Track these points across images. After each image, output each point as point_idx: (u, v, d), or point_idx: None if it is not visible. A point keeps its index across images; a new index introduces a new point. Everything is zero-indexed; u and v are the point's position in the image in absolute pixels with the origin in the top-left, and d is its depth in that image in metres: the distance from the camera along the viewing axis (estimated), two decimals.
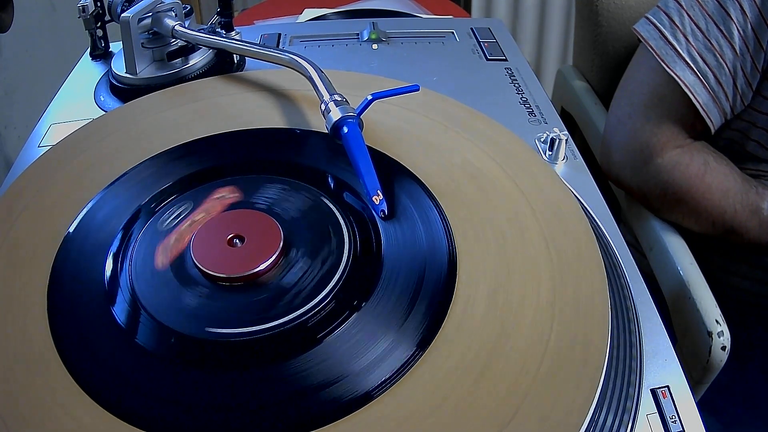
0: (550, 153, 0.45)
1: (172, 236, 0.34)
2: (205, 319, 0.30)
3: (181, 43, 0.52)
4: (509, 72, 0.56)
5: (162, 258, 0.33)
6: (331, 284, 0.31)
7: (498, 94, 0.53)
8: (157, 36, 0.52)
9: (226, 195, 0.36)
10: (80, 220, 0.35)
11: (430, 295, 0.31)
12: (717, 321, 0.48)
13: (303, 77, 0.43)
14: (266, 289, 0.31)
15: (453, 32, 0.63)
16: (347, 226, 0.34)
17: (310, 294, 0.31)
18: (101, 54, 0.58)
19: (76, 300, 0.31)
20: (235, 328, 0.29)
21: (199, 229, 0.34)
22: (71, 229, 0.35)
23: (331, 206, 0.36)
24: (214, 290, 0.31)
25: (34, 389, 0.27)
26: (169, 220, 0.35)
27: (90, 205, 0.36)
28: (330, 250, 0.33)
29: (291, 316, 0.30)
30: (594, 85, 0.77)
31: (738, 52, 0.53)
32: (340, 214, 0.35)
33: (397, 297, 0.31)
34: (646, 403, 0.30)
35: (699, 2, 0.53)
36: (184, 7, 0.52)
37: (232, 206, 0.36)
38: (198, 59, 0.52)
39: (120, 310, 0.31)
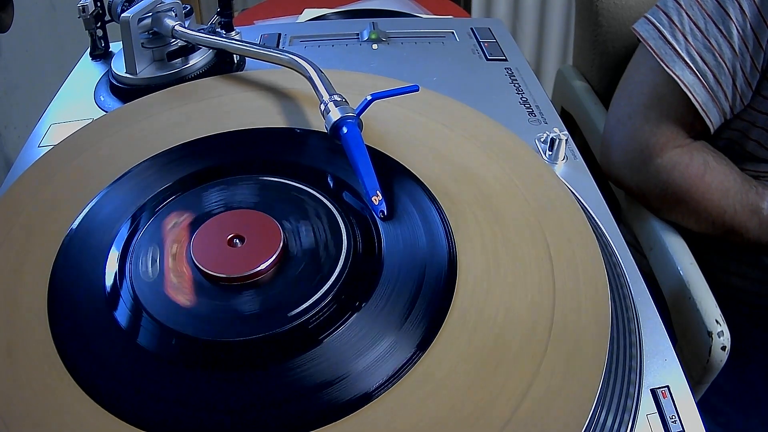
0: (550, 153, 0.45)
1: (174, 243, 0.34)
2: (205, 319, 0.30)
3: (181, 43, 0.52)
4: (509, 72, 0.56)
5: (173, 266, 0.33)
6: (331, 284, 0.31)
7: (498, 94, 0.53)
8: (157, 36, 0.52)
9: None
10: (81, 220, 0.35)
11: (430, 296, 0.31)
12: (717, 321, 0.48)
13: (303, 77, 0.43)
14: (266, 289, 0.31)
15: (453, 32, 0.63)
16: (347, 226, 0.34)
17: (310, 294, 0.31)
18: (101, 54, 0.58)
19: (76, 300, 0.31)
20: (235, 328, 0.29)
21: (199, 229, 0.34)
22: (72, 230, 0.35)
23: (331, 206, 0.36)
24: (214, 290, 0.31)
25: (34, 389, 0.27)
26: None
27: (90, 205, 0.36)
28: (330, 251, 0.33)
29: (291, 316, 0.30)
30: (594, 85, 0.77)
31: (737, 51, 0.53)
32: (340, 214, 0.35)
33: (397, 297, 0.31)
34: (646, 403, 0.30)
35: (698, 2, 0.53)
36: (184, 7, 0.52)
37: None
38: (198, 59, 0.52)
39: (120, 311, 0.31)
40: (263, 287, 0.31)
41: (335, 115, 0.38)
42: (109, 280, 0.32)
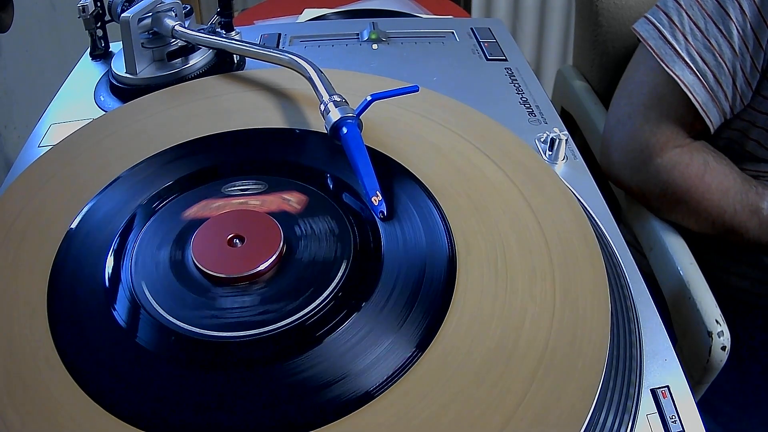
0: (550, 153, 0.45)
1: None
2: (205, 319, 0.30)
3: (181, 43, 0.52)
4: (509, 72, 0.56)
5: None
6: (331, 284, 0.31)
7: (498, 94, 0.53)
8: (157, 36, 0.52)
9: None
10: (80, 220, 0.35)
11: (429, 296, 0.31)
12: (717, 321, 0.48)
13: (303, 77, 0.43)
14: (266, 288, 0.31)
15: (453, 32, 0.63)
16: (347, 226, 0.34)
17: (310, 294, 0.31)
18: (101, 54, 0.58)
19: (76, 299, 0.31)
20: (235, 328, 0.29)
21: (199, 229, 0.34)
22: (71, 229, 0.35)
23: (331, 206, 0.36)
24: (214, 290, 0.31)
25: (33, 389, 0.27)
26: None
27: (90, 204, 0.36)
28: (330, 251, 0.33)
29: (291, 316, 0.30)
30: (594, 85, 0.77)
31: (737, 51, 0.53)
32: (340, 214, 0.35)
33: (397, 297, 0.31)
34: (646, 403, 0.30)
35: (698, 2, 0.53)
36: (184, 7, 0.52)
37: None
38: (198, 59, 0.52)
39: (120, 310, 0.31)
40: (263, 287, 0.31)
41: (335, 115, 0.38)
42: (108, 280, 0.32)
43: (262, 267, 0.32)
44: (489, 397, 0.27)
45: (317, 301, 0.30)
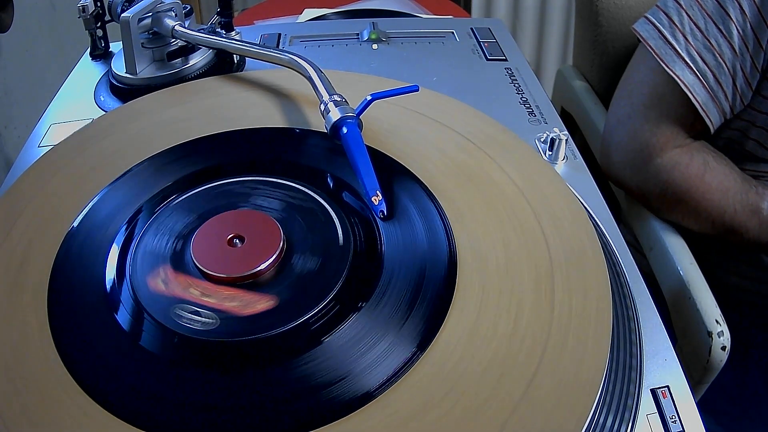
0: (550, 153, 0.45)
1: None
2: (206, 319, 0.30)
3: (181, 43, 0.52)
4: (509, 72, 0.56)
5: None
6: (332, 284, 0.31)
7: (498, 94, 0.53)
8: (157, 36, 0.52)
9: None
10: (81, 220, 0.35)
11: (430, 296, 0.31)
12: (717, 321, 0.48)
13: (303, 77, 0.43)
14: (266, 289, 0.31)
15: (453, 32, 0.63)
16: (347, 226, 0.34)
17: (310, 294, 0.31)
18: (101, 54, 0.58)
19: (76, 300, 0.31)
20: (235, 328, 0.29)
21: (199, 229, 0.34)
22: (72, 229, 0.35)
23: (331, 206, 0.36)
24: (214, 290, 0.31)
25: (33, 389, 0.27)
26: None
27: (90, 204, 0.36)
28: (330, 250, 0.33)
29: (291, 317, 0.30)
30: (594, 85, 0.77)
31: (737, 51, 0.53)
32: (340, 214, 0.35)
33: (397, 297, 0.31)
34: (646, 403, 0.30)
35: (698, 2, 0.53)
36: (184, 7, 0.52)
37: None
38: (198, 59, 0.52)
39: (121, 311, 0.31)
40: (263, 287, 0.31)
41: (335, 115, 0.38)
42: (109, 280, 0.32)
43: (261, 267, 0.32)
44: (489, 396, 0.27)
45: (317, 301, 0.30)
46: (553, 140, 0.45)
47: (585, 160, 0.46)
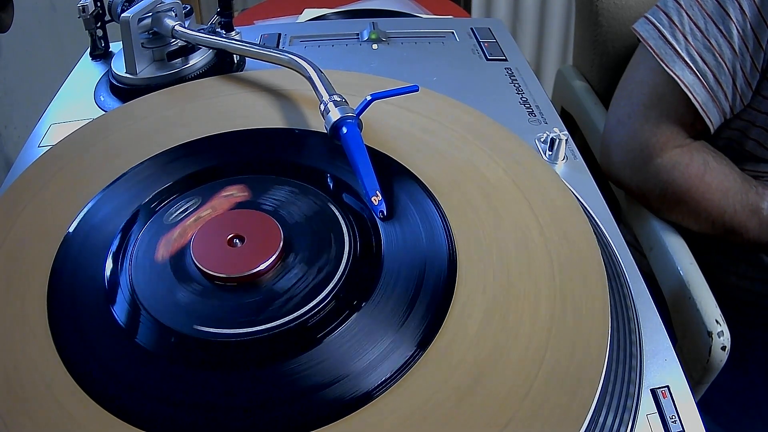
0: (550, 153, 0.45)
1: (176, 230, 0.34)
2: (205, 318, 0.30)
3: (181, 43, 0.52)
4: (509, 72, 0.56)
5: (163, 251, 0.33)
6: (331, 284, 0.31)
7: (498, 94, 0.53)
8: (157, 36, 0.52)
9: (234, 193, 0.36)
10: (80, 220, 0.35)
11: (430, 295, 0.31)
12: (717, 321, 0.48)
13: (303, 77, 0.43)
14: (266, 289, 0.31)
15: (453, 32, 0.63)
16: (347, 226, 0.34)
17: (310, 294, 0.31)
18: (101, 54, 0.58)
19: (76, 299, 0.31)
20: (235, 328, 0.29)
21: (200, 229, 0.34)
22: (71, 229, 0.35)
23: (331, 206, 0.36)
24: (213, 290, 0.31)
25: (33, 389, 0.27)
26: (175, 214, 0.35)
27: (90, 204, 0.36)
28: (330, 250, 0.33)
29: (291, 316, 0.30)
30: (594, 85, 0.77)
31: (737, 51, 0.53)
32: (340, 214, 0.35)
33: (397, 297, 0.31)
34: (646, 403, 0.30)
35: (698, 2, 0.53)
36: (184, 7, 0.52)
37: (240, 205, 0.36)
38: (198, 59, 0.52)
39: (120, 310, 0.31)
40: (263, 287, 0.31)
41: (335, 115, 0.38)
42: (108, 280, 0.32)
43: (262, 267, 0.32)
44: (489, 396, 0.27)
45: (317, 301, 0.30)
46: (553, 140, 0.45)
47: (585, 160, 0.46)
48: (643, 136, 0.56)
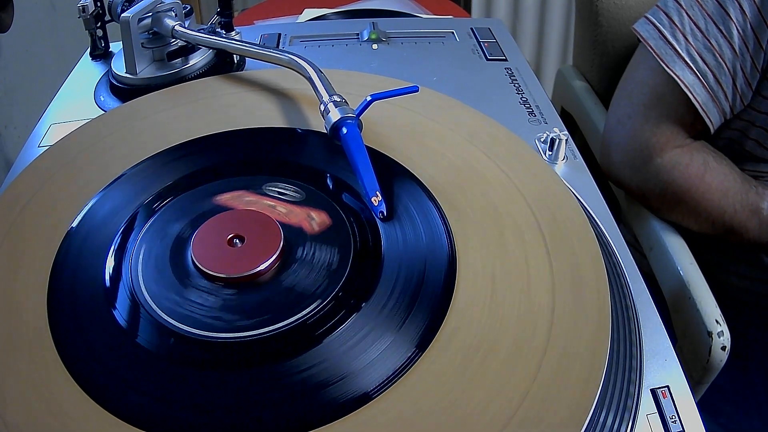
0: (550, 153, 0.45)
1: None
2: (205, 319, 0.30)
3: (181, 43, 0.52)
4: (509, 72, 0.56)
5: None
6: (331, 284, 0.31)
7: (498, 94, 0.53)
8: (157, 36, 0.52)
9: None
10: (80, 220, 0.35)
11: (429, 296, 0.31)
12: (717, 321, 0.48)
13: (303, 77, 0.43)
14: (266, 289, 0.31)
15: (453, 32, 0.63)
16: (347, 226, 0.34)
17: (310, 294, 0.31)
18: (101, 54, 0.58)
19: (76, 299, 0.31)
20: (235, 328, 0.29)
21: (200, 229, 0.34)
22: (71, 229, 0.35)
23: (331, 207, 0.36)
24: (213, 290, 0.31)
25: (33, 388, 0.27)
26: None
27: (90, 204, 0.36)
28: (330, 251, 0.33)
29: (291, 317, 0.30)
30: (594, 85, 0.77)
31: (737, 51, 0.53)
32: (340, 214, 0.35)
33: (397, 297, 0.31)
34: (646, 403, 0.30)
35: (698, 2, 0.53)
36: (184, 7, 0.52)
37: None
38: (198, 59, 0.52)
39: (120, 310, 0.31)
40: (263, 287, 0.31)
41: (335, 115, 0.38)
42: (108, 279, 0.32)
43: (262, 267, 0.32)
44: (489, 397, 0.27)
45: (317, 302, 0.30)
46: (553, 140, 0.45)
47: (585, 160, 0.46)
48: (643, 136, 0.56)
